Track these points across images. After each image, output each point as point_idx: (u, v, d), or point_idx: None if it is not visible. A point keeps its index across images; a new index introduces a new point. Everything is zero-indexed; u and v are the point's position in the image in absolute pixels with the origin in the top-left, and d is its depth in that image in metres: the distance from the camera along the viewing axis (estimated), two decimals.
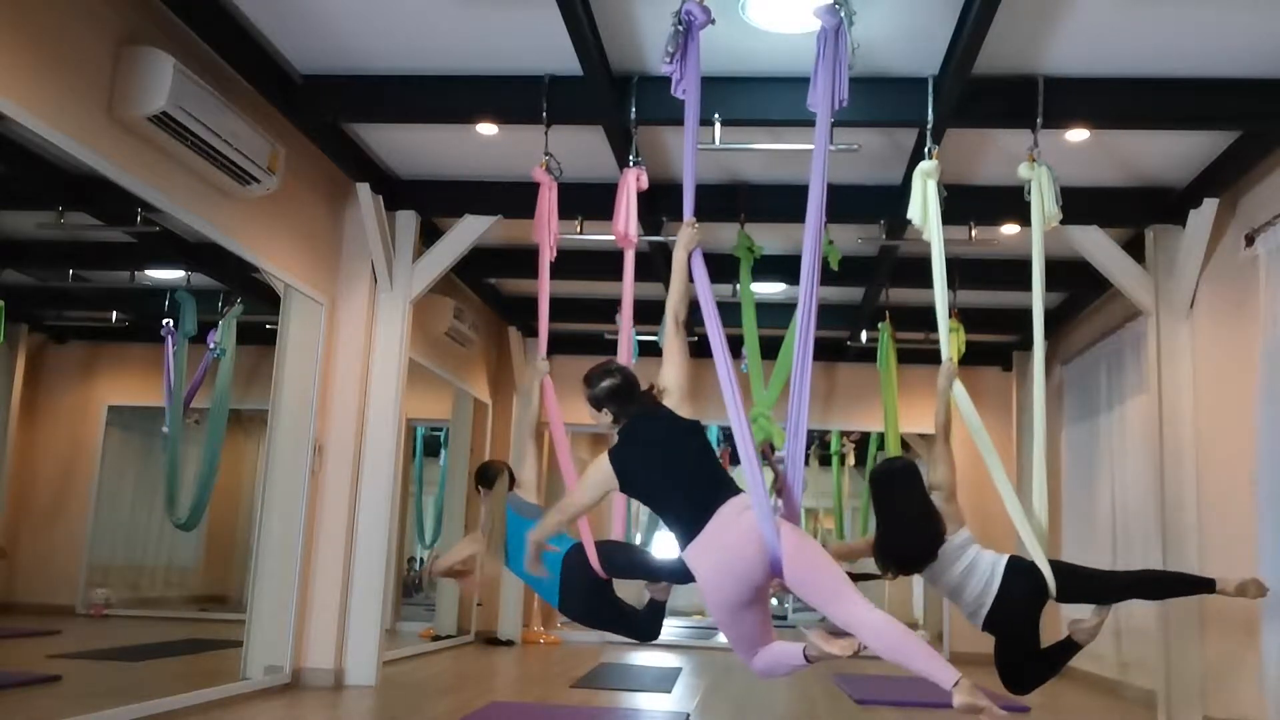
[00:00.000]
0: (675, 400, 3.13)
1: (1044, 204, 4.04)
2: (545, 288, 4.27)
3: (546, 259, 4.23)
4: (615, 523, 4.09)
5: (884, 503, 3.91)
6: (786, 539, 2.84)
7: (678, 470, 3.03)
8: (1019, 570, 3.73)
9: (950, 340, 5.79)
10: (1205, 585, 3.92)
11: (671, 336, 3.19)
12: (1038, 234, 4.01)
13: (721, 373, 3.01)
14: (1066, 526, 7.60)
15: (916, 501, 3.83)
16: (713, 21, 3.24)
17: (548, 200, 4.22)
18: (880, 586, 12.35)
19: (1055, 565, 3.79)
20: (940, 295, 3.92)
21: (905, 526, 3.83)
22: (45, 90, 3.42)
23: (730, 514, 2.89)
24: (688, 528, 2.93)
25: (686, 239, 3.23)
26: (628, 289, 4.03)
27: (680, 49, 3.20)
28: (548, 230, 4.21)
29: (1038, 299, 4.00)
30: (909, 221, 4.07)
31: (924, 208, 3.97)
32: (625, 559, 3.98)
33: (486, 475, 4.16)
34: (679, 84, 3.24)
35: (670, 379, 3.15)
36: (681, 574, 3.87)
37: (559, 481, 4.10)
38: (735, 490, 2.94)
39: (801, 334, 3.02)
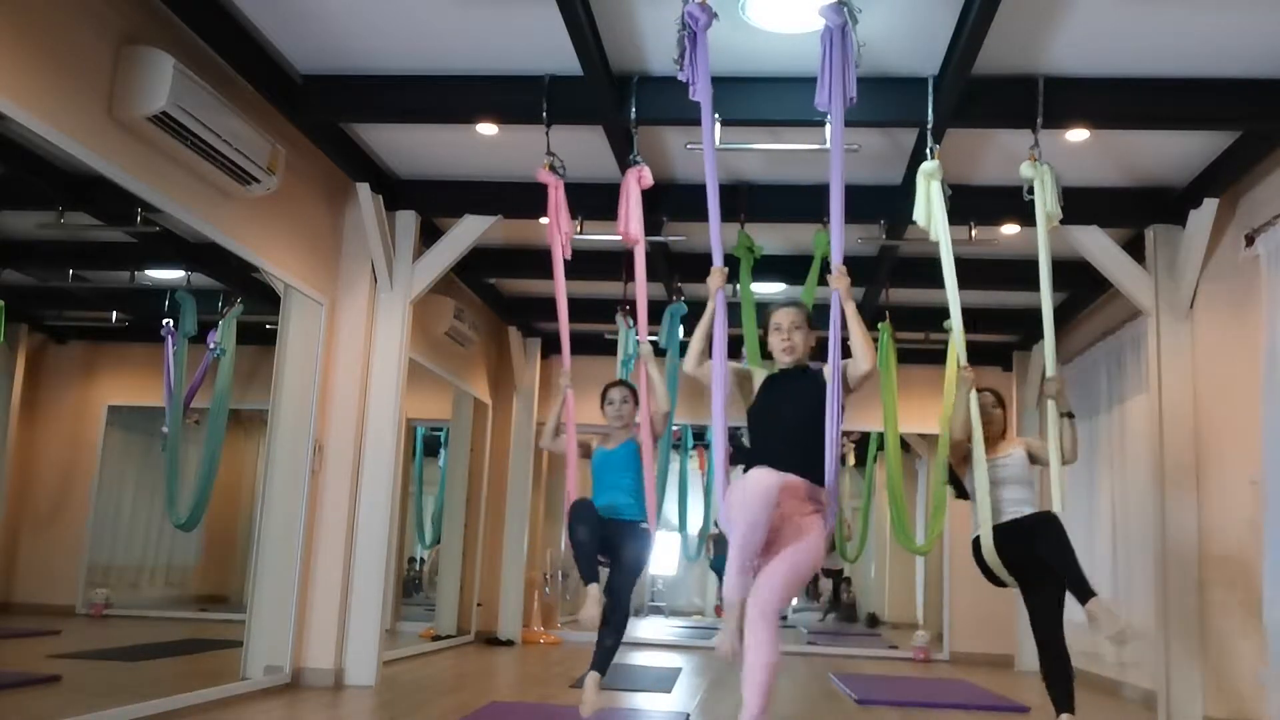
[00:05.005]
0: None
1: (1046, 203, 4.04)
2: (562, 290, 4.13)
3: (560, 260, 4.11)
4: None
5: None
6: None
7: None
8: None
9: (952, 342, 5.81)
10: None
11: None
12: (1043, 233, 4.01)
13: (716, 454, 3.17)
14: (1067, 526, 7.56)
15: None
16: (716, 17, 3.23)
17: (555, 200, 4.14)
18: (882, 584, 12.38)
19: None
20: (952, 295, 3.90)
21: None
22: (45, 90, 3.42)
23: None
24: None
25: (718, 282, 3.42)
26: (640, 287, 3.98)
27: (689, 52, 3.19)
28: (559, 231, 4.08)
29: (1046, 297, 4.01)
30: (910, 221, 4.07)
31: (928, 208, 3.97)
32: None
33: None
34: (694, 88, 3.22)
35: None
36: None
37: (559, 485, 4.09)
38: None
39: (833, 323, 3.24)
